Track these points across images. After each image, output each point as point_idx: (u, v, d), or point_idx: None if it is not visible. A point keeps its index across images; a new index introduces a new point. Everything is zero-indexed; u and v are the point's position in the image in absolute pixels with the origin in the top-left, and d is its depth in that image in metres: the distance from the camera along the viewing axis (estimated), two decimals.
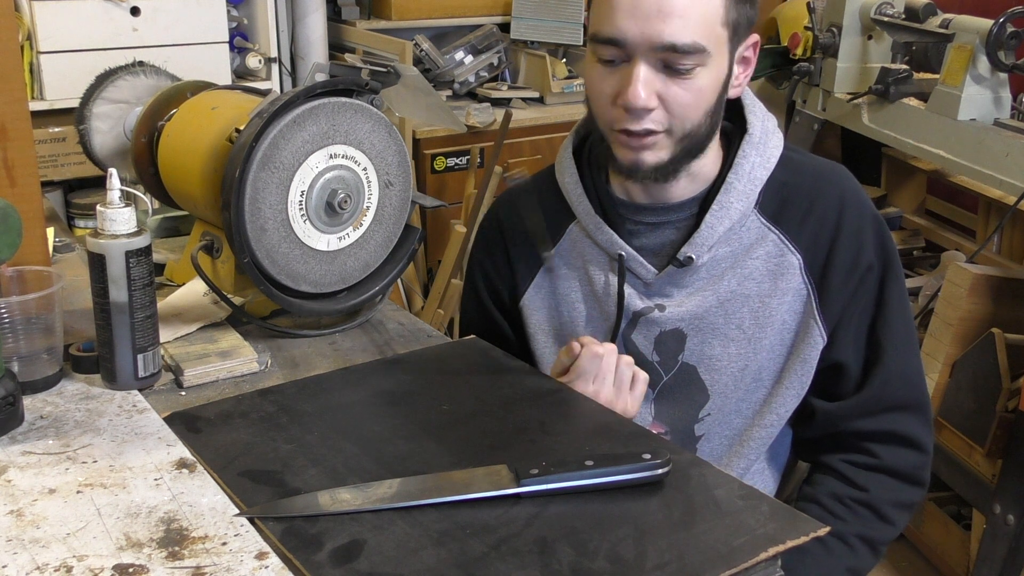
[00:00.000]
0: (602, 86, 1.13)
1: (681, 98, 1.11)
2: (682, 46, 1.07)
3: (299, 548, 0.79)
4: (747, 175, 1.19)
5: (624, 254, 1.21)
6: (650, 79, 1.09)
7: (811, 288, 1.19)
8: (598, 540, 0.79)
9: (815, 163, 1.25)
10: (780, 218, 1.20)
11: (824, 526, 0.83)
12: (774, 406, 1.22)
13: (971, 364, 2.12)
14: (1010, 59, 2.31)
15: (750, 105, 1.23)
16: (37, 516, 0.84)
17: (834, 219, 1.20)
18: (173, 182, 1.36)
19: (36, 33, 2.51)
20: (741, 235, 1.19)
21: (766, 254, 1.19)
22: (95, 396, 1.07)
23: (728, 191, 1.19)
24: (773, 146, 1.22)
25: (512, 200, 1.35)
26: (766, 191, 1.20)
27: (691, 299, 1.21)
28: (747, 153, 1.20)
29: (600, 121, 1.16)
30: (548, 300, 1.29)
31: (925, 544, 2.42)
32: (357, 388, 1.08)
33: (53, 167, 2.61)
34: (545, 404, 1.03)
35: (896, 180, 3.04)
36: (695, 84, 1.10)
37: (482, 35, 3.47)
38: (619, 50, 1.10)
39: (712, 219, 1.18)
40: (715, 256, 1.19)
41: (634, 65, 1.09)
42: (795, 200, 1.20)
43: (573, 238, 1.27)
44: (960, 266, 2.21)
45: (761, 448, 1.24)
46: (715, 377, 1.22)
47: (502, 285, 1.33)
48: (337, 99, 1.22)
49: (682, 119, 1.12)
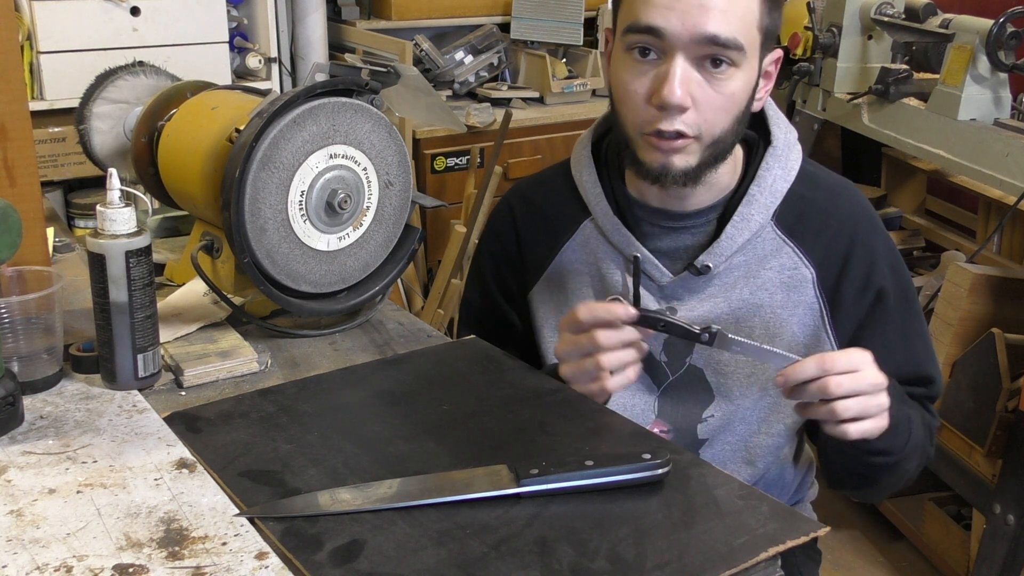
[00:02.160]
0: (635, 84, 1.11)
1: (714, 101, 1.09)
2: (724, 39, 1.06)
3: (299, 548, 0.79)
4: (769, 188, 1.19)
5: (640, 256, 1.20)
6: (687, 77, 1.08)
7: (823, 303, 1.19)
8: (598, 540, 0.79)
9: (831, 179, 1.26)
10: (795, 231, 1.20)
11: (824, 526, 0.83)
12: (782, 416, 1.22)
13: (971, 364, 2.12)
14: (1010, 59, 2.31)
15: (773, 116, 1.23)
16: (37, 516, 0.84)
17: (848, 236, 1.20)
18: (173, 182, 1.36)
19: (36, 33, 2.51)
20: (756, 246, 1.19)
21: (780, 266, 1.19)
22: (95, 396, 1.07)
23: (750, 203, 1.18)
24: (794, 159, 1.22)
25: (525, 192, 1.34)
26: (784, 204, 1.20)
27: (703, 305, 1.20)
28: (770, 166, 1.19)
29: (628, 122, 1.14)
30: (557, 295, 1.28)
31: (925, 544, 2.42)
32: (357, 388, 1.08)
33: (53, 167, 2.61)
34: (545, 404, 1.03)
35: (896, 180, 3.04)
36: (728, 87, 1.09)
37: (482, 35, 3.47)
38: (657, 41, 1.08)
39: (733, 230, 1.18)
40: (730, 265, 1.19)
41: (671, 61, 1.08)
42: (811, 214, 1.20)
43: (586, 235, 1.26)
44: (960, 266, 2.21)
45: (770, 458, 1.23)
46: (721, 380, 1.22)
47: (511, 275, 1.32)
48: (337, 99, 1.22)
49: (712, 124, 1.11)
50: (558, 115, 3.26)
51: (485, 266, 1.35)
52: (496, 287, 1.33)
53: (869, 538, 2.58)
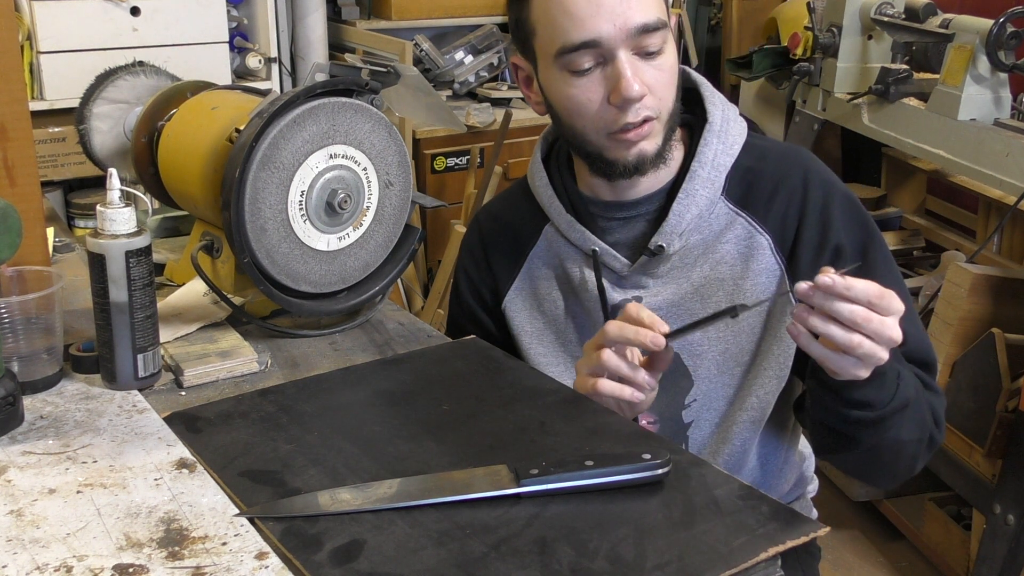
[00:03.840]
0: (585, 95, 1.15)
1: (660, 79, 1.14)
2: (652, 23, 1.11)
3: (299, 548, 0.79)
4: (710, 162, 1.22)
5: (597, 249, 1.24)
6: (634, 68, 1.12)
7: (783, 266, 1.21)
8: (598, 540, 0.79)
9: (777, 147, 1.28)
10: (747, 202, 1.22)
11: (824, 526, 0.83)
12: (754, 388, 1.22)
13: (971, 364, 2.12)
14: (1010, 59, 2.31)
15: (709, 96, 1.26)
16: (37, 516, 0.84)
17: (799, 197, 1.22)
18: (173, 182, 1.36)
19: (36, 33, 2.51)
20: (711, 222, 1.22)
21: (736, 237, 1.22)
22: (95, 396, 1.07)
23: (692, 179, 1.21)
24: (735, 133, 1.24)
25: (491, 209, 1.40)
26: (731, 177, 1.23)
27: (667, 288, 1.23)
28: (708, 141, 1.22)
29: (589, 131, 1.17)
30: (529, 301, 1.32)
31: (925, 544, 2.42)
32: (357, 388, 1.08)
33: (53, 167, 2.61)
34: (545, 404, 1.03)
35: (896, 180, 3.04)
36: (667, 62, 1.15)
37: (482, 35, 3.47)
38: (595, 52, 1.12)
39: (679, 207, 1.20)
40: (687, 244, 1.22)
41: (616, 60, 1.12)
42: (760, 183, 1.23)
43: (549, 239, 1.30)
44: (960, 266, 2.21)
45: (746, 433, 1.24)
46: (698, 362, 1.24)
47: (484, 287, 1.36)
48: (337, 99, 1.22)
49: (665, 99, 1.16)
50: None
51: (460, 280, 1.39)
52: (472, 299, 1.37)
53: (869, 538, 2.58)
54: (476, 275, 1.37)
